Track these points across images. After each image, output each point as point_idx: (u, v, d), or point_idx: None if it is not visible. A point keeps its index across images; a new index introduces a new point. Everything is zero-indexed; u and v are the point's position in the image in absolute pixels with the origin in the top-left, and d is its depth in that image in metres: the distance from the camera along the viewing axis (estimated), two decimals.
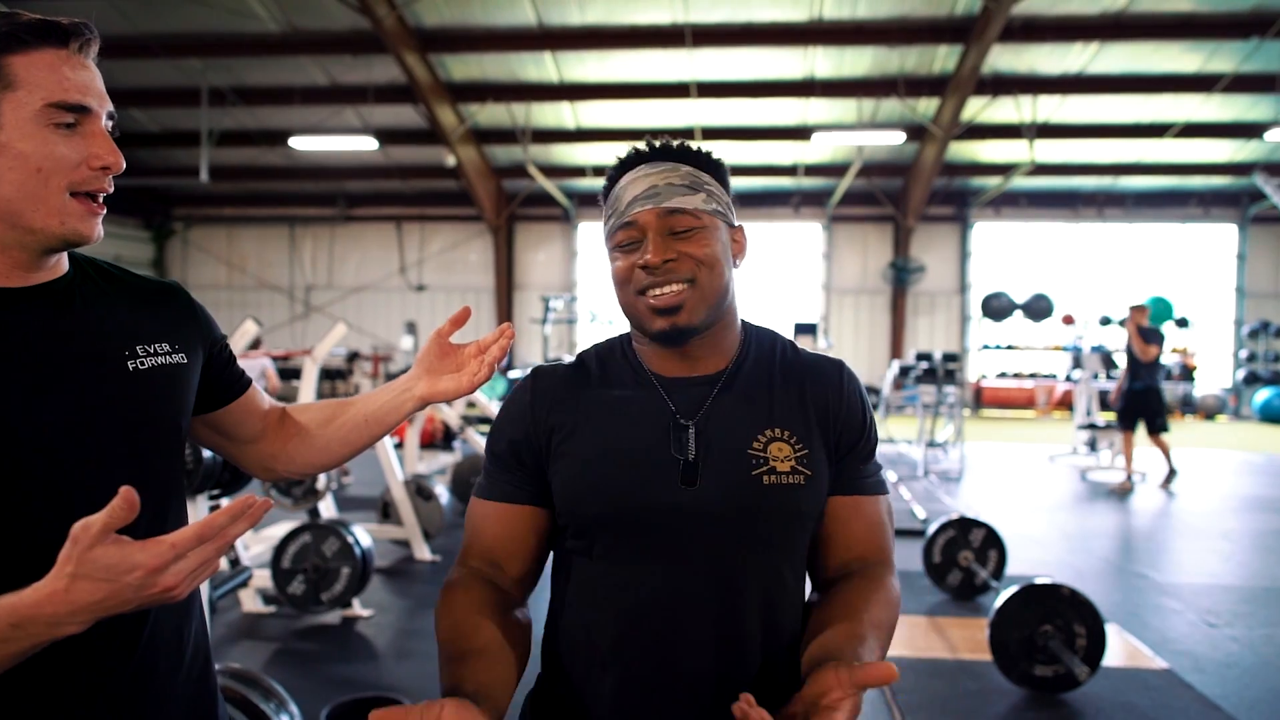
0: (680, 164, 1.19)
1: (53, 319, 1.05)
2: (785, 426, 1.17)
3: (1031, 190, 16.81)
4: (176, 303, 1.22)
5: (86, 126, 1.01)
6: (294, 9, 11.88)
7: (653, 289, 1.14)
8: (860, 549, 1.21)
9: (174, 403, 1.15)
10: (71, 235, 1.03)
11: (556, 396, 1.22)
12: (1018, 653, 3.60)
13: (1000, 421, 16.01)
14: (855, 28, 11.91)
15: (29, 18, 0.99)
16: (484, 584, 1.16)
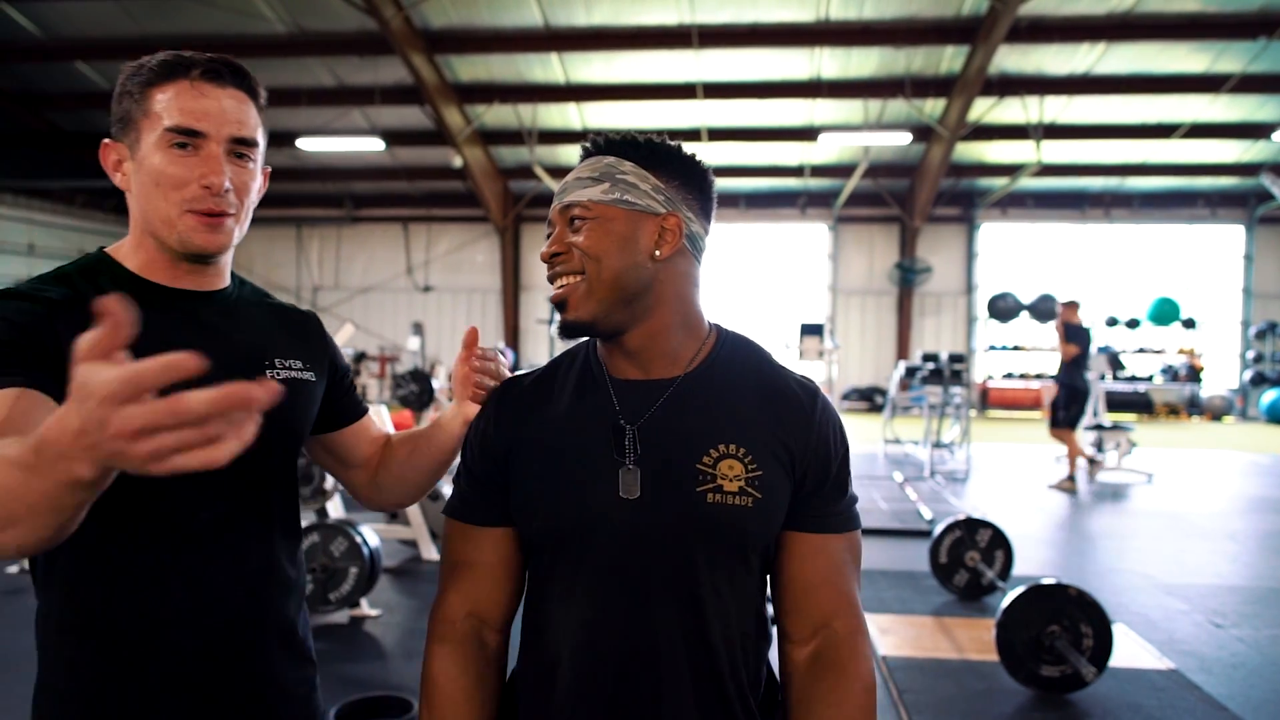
0: (604, 156, 1.17)
1: (212, 323, 1.20)
2: (741, 444, 1.11)
3: (1038, 191, 16.78)
4: (311, 329, 1.37)
5: (202, 149, 1.12)
6: (301, 10, 11.93)
7: (550, 282, 1.17)
8: (827, 604, 1.15)
9: (300, 412, 1.28)
10: (189, 246, 1.14)
11: (518, 410, 1.21)
12: (1024, 653, 3.60)
13: (1006, 422, 15.98)
14: (862, 28, 11.91)
15: (170, 55, 1.13)
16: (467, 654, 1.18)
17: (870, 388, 17.30)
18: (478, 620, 1.19)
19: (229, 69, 1.15)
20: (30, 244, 15.16)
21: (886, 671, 3.92)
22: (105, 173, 1.18)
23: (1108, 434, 9.76)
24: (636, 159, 1.16)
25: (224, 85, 1.14)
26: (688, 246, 1.17)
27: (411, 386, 6.54)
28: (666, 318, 1.16)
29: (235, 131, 1.14)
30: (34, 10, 12.13)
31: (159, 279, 1.18)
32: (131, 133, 1.14)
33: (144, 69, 1.13)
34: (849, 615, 1.16)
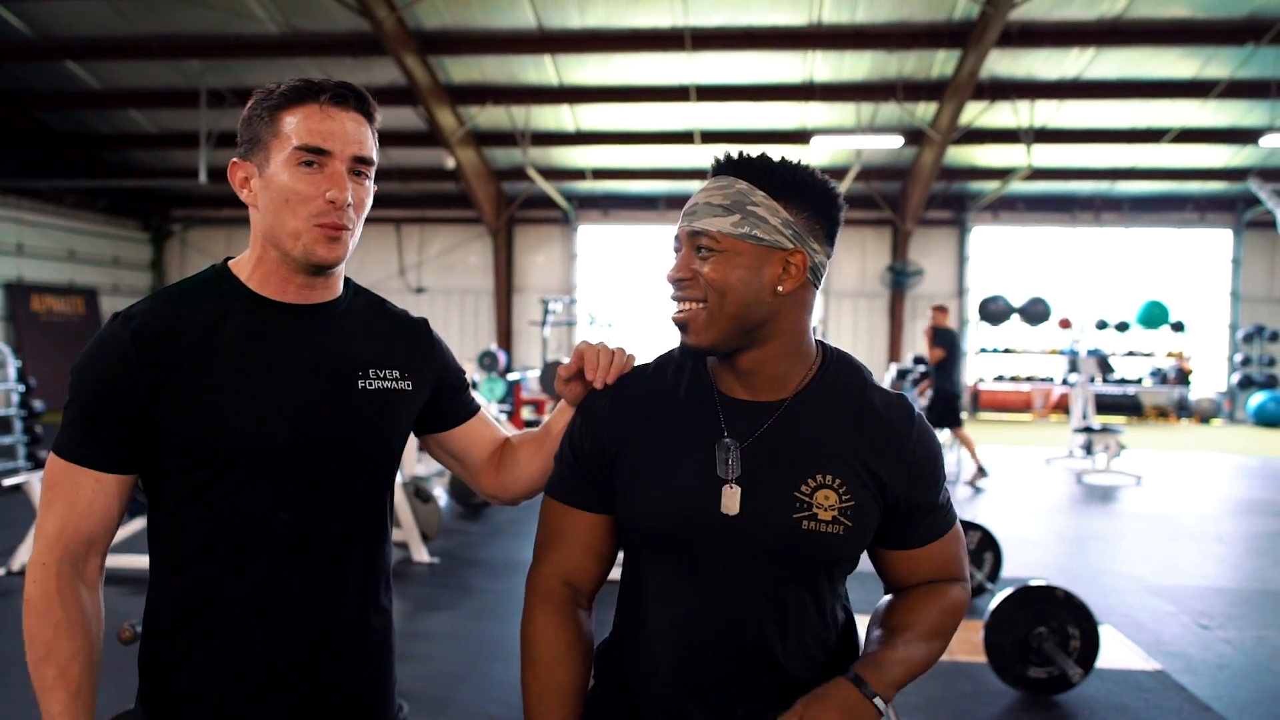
0: (739, 179, 1.18)
1: (312, 334, 1.28)
2: (837, 474, 1.18)
3: (1029, 195, 16.86)
4: (417, 337, 1.44)
5: (327, 167, 1.21)
6: (294, 11, 11.90)
7: (673, 300, 1.21)
8: (929, 575, 1.31)
9: (391, 422, 1.35)
10: (312, 257, 1.23)
11: (632, 410, 1.27)
12: (1012, 654, 3.63)
13: (997, 424, 16.05)
14: (854, 32, 11.95)
15: (301, 81, 1.23)
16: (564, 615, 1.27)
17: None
18: (571, 588, 1.28)
19: (353, 94, 1.24)
20: (19, 244, 15.07)
21: None
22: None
23: (1097, 436, 9.81)
24: (770, 188, 1.17)
25: (347, 109, 1.23)
26: (809, 278, 1.21)
27: None
28: (781, 346, 1.21)
29: (357, 151, 1.23)
30: (24, 9, 12.06)
31: (270, 293, 1.26)
32: (260, 152, 1.22)
33: (274, 94, 1.22)
34: (953, 574, 1.31)
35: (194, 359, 1.19)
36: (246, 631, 1.23)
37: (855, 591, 1.37)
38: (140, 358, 1.17)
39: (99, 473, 1.19)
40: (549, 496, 1.32)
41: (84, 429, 1.19)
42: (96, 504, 1.19)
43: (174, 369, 1.18)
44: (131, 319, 1.20)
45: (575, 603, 1.28)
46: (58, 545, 1.18)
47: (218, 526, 1.22)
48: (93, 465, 1.18)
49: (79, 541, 1.19)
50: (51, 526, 1.19)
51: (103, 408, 1.18)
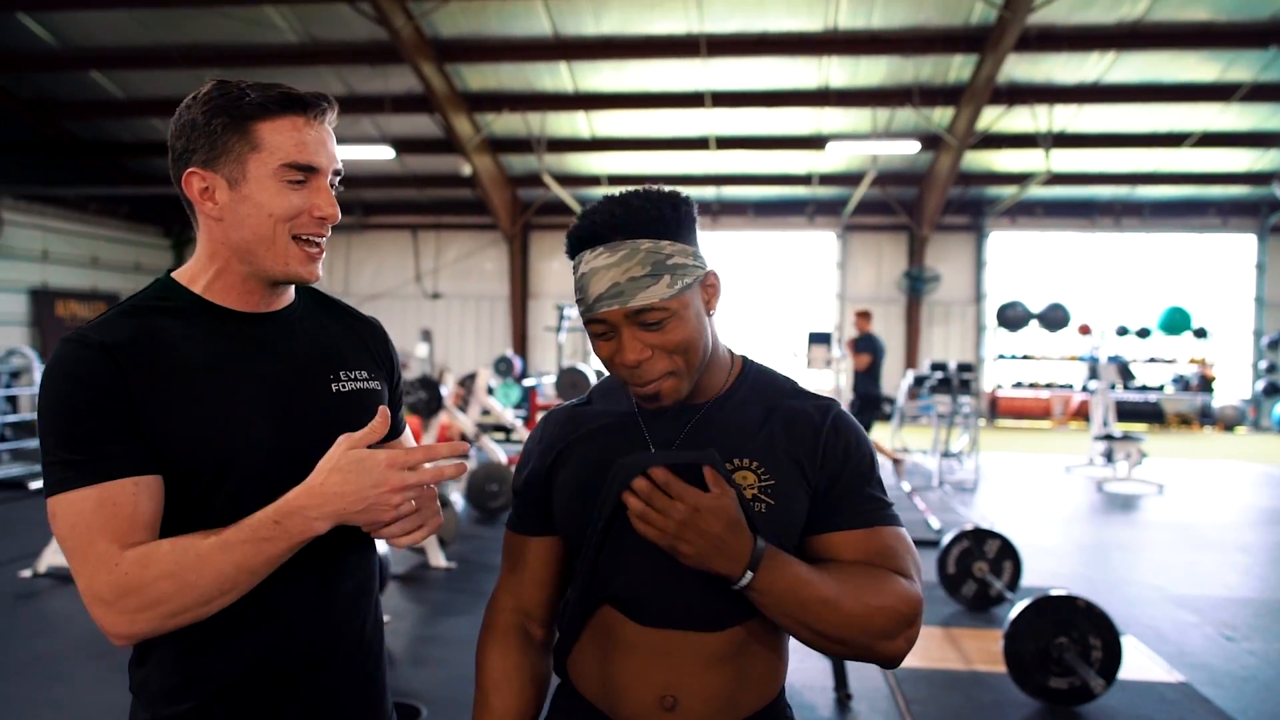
0: (639, 240, 1.13)
1: (277, 341, 1.25)
2: (753, 458, 1.20)
3: (1048, 200, 16.75)
4: (375, 336, 1.40)
5: (313, 183, 1.19)
6: (313, 20, 12.00)
7: (634, 383, 1.18)
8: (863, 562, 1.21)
9: (367, 422, 1.25)
10: (293, 275, 1.21)
11: (559, 435, 1.31)
12: (1032, 665, 3.60)
13: (1016, 432, 15.94)
14: (870, 37, 11.93)
15: (277, 91, 1.17)
16: (515, 645, 1.33)
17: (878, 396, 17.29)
18: (522, 614, 1.34)
19: (330, 105, 1.21)
20: (44, 250, 15.25)
21: (894, 682, 3.91)
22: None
23: (1118, 444, 9.72)
24: (663, 233, 1.15)
25: (324, 120, 1.21)
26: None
27: (420, 393, 6.56)
28: (713, 363, 1.26)
29: (336, 165, 1.22)
30: (49, 20, 12.23)
31: (227, 302, 1.22)
32: (231, 164, 1.15)
33: (244, 102, 1.14)
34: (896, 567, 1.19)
35: (163, 371, 1.13)
36: (240, 648, 1.20)
37: None
38: (116, 365, 1.09)
39: (136, 477, 1.08)
40: (506, 527, 1.37)
41: (89, 444, 1.07)
42: (144, 507, 1.08)
43: (147, 380, 1.11)
44: (89, 333, 1.12)
45: (524, 631, 1.34)
46: (116, 548, 1.06)
47: None
48: (126, 473, 1.08)
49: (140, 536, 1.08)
50: (99, 548, 1.05)
51: (100, 414, 1.08)
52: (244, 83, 1.18)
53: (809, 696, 3.76)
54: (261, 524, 1.07)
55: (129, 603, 1.04)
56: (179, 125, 1.19)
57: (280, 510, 1.08)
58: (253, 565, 1.08)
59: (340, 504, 1.07)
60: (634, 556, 1.19)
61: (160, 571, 1.04)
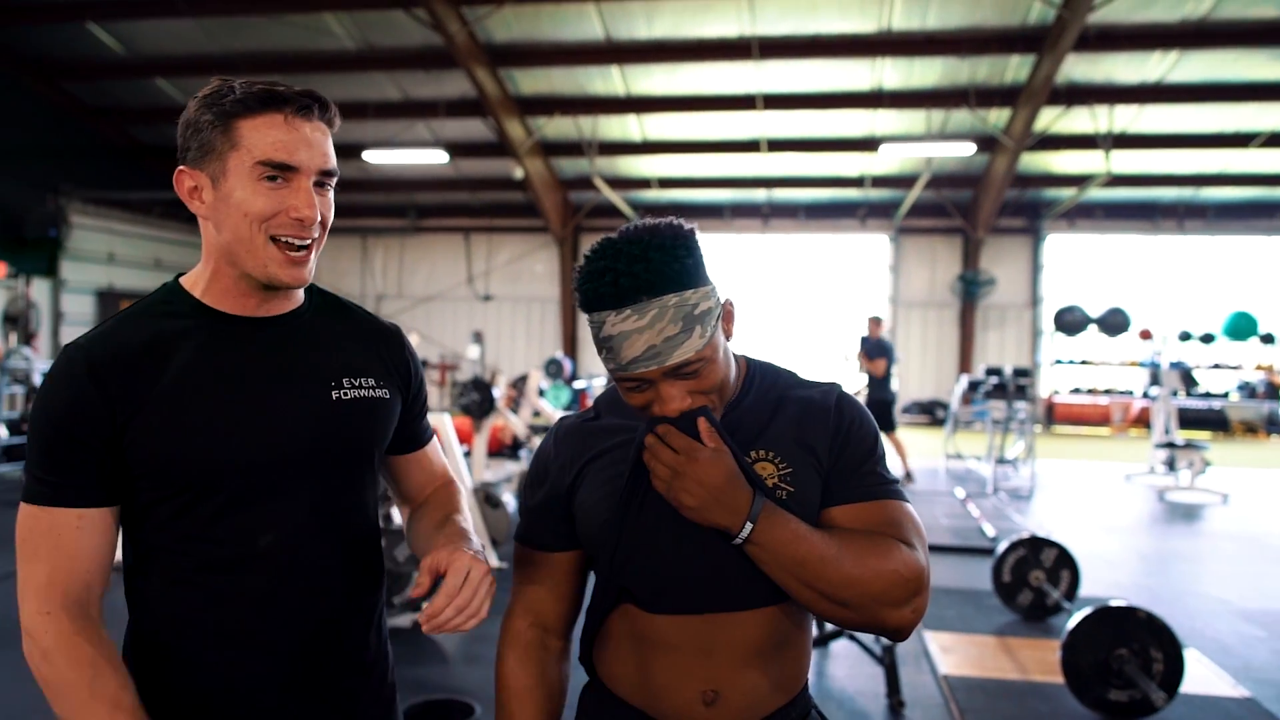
0: (666, 297, 1.13)
1: (276, 348, 1.21)
2: (769, 449, 1.24)
3: (1107, 202, 16.37)
4: (391, 344, 1.35)
5: (294, 183, 1.14)
6: (370, 27, 12.22)
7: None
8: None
9: (368, 432, 1.27)
10: (273, 279, 1.16)
11: (576, 451, 1.32)
12: (1091, 676, 3.53)
13: (1073, 438, 15.61)
14: (925, 38, 11.80)
15: (258, 88, 1.13)
16: (534, 658, 1.33)
17: (931, 401, 17.05)
18: (540, 629, 1.34)
19: (318, 103, 1.16)
20: (110, 253, 15.73)
21: (948, 690, 3.87)
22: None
23: (1180, 452, 9.48)
24: (684, 283, 1.15)
25: (311, 119, 1.15)
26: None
27: (473, 395, 6.64)
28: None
29: (322, 164, 1.16)
30: (118, 29, 12.64)
31: (228, 307, 1.19)
32: (214, 162, 1.13)
33: (228, 100, 1.12)
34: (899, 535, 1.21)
35: (154, 382, 1.12)
36: (235, 664, 1.18)
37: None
38: (98, 387, 1.10)
39: (81, 509, 1.11)
40: (516, 542, 1.38)
41: (54, 469, 1.11)
42: (84, 544, 1.11)
43: (134, 394, 1.11)
44: (83, 348, 1.13)
45: (543, 644, 1.34)
46: (55, 592, 1.09)
47: (199, 555, 1.16)
48: (72, 503, 1.11)
49: (77, 586, 1.11)
50: (40, 576, 1.10)
51: (70, 443, 1.10)
52: (235, 80, 1.14)
53: (861, 703, 3.74)
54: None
55: (34, 649, 1.10)
56: (181, 123, 1.17)
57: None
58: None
59: None
60: (646, 548, 1.22)
61: (63, 677, 1.08)
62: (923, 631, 4.62)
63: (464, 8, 11.38)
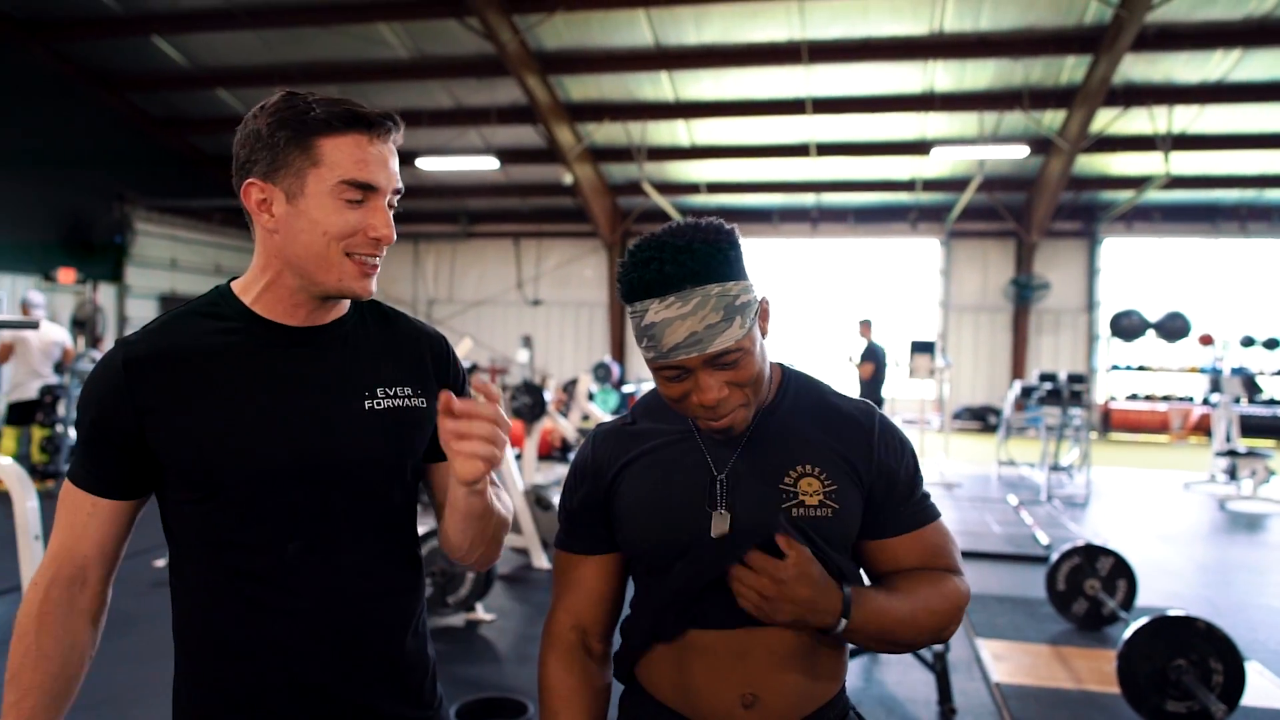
0: (709, 287, 1.16)
1: (314, 357, 1.24)
2: (815, 464, 1.26)
3: (1166, 204, 16.00)
4: (432, 351, 1.37)
5: (371, 202, 1.18)
6: (423, 36, 12.44)
7: (707, 419, 1.23)
8: (917, 564, 1.31)
9: (401, 441, 1.28)
10: (346, 291, 1.21)
11: (615, 455, 1.35)
12: (1148, 687, 3.48)
13: (1131, 446, 15.28)
14: (978, 40, 11.66)
15: (341, 107, 1.16)
16: (577, 661, 1.35)
17: (983, 407, 16.80)
18: (581, 631, 1.36)
19: (392, 123, 1.20)
20: (173, 259, 16.18)
21: (1000, 699, 3.84)
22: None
23: (1242, 460, 9.24)
24: (725, 274, 1.18)
25: (387, 140, 1.19)
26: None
27: (525, 398, 6.74)
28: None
29: (396, 183, 1.21)
30: (181, 42, 13.04)
31: (276, 316, 1.22)
32: (290, 177, 1.15)
33: (309, 116, 1.14)
34: (946, 564, 1.32)
35: (189, 383, 1.16)
36: (270, 671, 1.19)
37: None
38: (130, 384, 1.14)
39: (94, 497, 1.18)
40: (555, 548, 1.41)
41: (84, 454, 1.19)
42: (90, 528, 1.18)
43: (167, 394, 1.15)
44: (125, 345, 1.18)
45: (585, 648, 1.36)
46: (52, 566, 1.18)
47: (230, 560, 1.18)
48: (89, 490, 1.18)
49: (72, 565, 1.18)
50: (53, 546, 1.19)
51: (98, 434, 1.17)
52: (311, 96, 1.17)
53: (912, 709, 3.73)
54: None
55: (20, 610, 1.19)
56: (244, 135, 1.18)
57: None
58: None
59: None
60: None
61: (15, 635, 1.17)
62: (974, 639, 4.58)
63: (516, 16, 11.53)
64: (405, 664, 1.30)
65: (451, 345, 1.42)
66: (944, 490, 9.40)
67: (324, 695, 1.21)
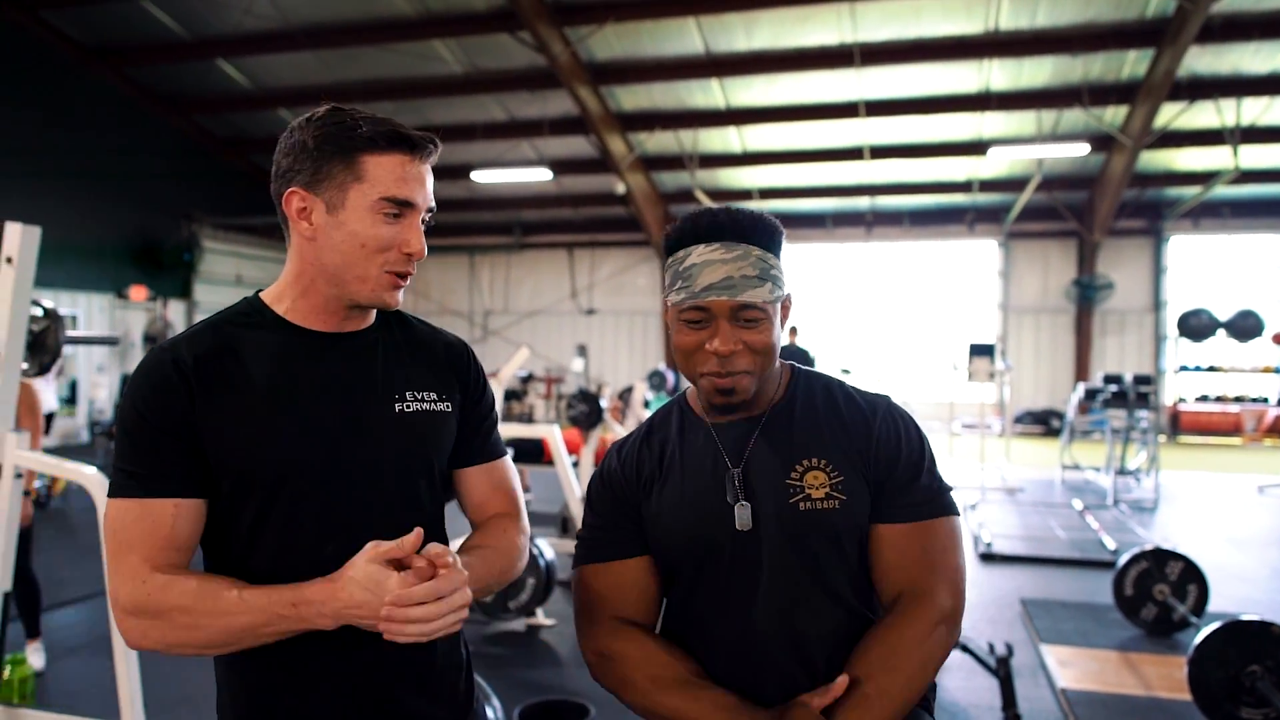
0: (752, 247, 1.27)
1: (346, 362, 1.27)
2: (822, 456, 1.30)
3: (1235, 199, 15.51)
4: (456, 359, 1.40)
5: (407, 219, 1.23)
6: (476, 51, 12.65)
7: (716, 372, 1.28)
8: (901, 579, 1.29)
9: (431, 444, 1.32)
10: (377, 302, 1.25)
11: (637, 465, 1.40)
12: (1220, 693, 3.39)
13: (1201, 449, 14.82)
14: (1034, 37, 11.46)
15: (387, 126, 1.20)
16: (636, 630, 1.34)
17: (1045, 410, 16.45)
18: (623, 620, 1.36)
19: (435, 146, 1.24)
20: (238, 275, 16.66)
21: (1066, 705, 3.77)
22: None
23: None
24: (769, 246, 1.30)
25: (427, 160, 1.24)
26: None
27: (581, 407, 6.80)
28: (771, 371, 1.36)
29: (431, 202, 1.26)
30: (244, 64, 13.47)
31: (308, 323, 1.26)
32: (332, 189, 1.19)
33: (355, 133, 1.18)
34: (925, 586, 1.28)
35: (229, 387, 1.19)
36: (307, 675, 1.20)
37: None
38: (184, 381, 1.17)
39: (177, 499, 1.16)
40: (581, 567, 1.40)
41: (145, 461, 1.16)
42: (176, 529, 1.15)
43: (216, 393, 1.18)
44: (168, 349, 1.20)
45: (634, 625, 1.34)
46: (147, 568, 1.13)
47: (265, 564, 1.19)
48: (162, 493, 1.15)
49: (169, 564, 1.15)
50: (134, 560, 1.13)
51: (158, 434, 1.16)
52: (358, 112, 1.21)
53: (975, 715, 3.68)
54: (280, 599, 1.10)
55: (142, 620, 1.12)
56: (287, 144, 1.22)
57: (299, 595, 1.09)
58: (261, 632, 1.11)
59: (351, 614, 1.08)
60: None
61: (178, 604, 1.10)
62: (1039, 644, 4.50)
63: (567, 28, 11.66)
64: (438, 665, 1.31)
65: (473, 352, 1.45)
66: (1006, 495, 9.23)
67: (357, 695, 1.23)
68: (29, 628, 4.09)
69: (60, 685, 3.94)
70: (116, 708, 2.67)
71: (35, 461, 2.75)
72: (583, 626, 1.38)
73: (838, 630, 1.29)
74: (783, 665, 1.27)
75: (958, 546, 1.31)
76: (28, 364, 2.89)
